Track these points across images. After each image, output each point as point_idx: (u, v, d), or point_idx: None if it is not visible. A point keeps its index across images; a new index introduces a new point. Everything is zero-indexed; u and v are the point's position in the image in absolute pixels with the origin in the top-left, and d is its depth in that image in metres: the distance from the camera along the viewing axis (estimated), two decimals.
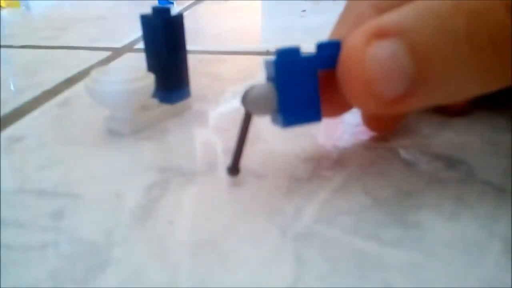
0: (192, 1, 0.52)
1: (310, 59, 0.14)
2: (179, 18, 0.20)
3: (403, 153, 0.17)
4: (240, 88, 0.25)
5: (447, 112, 0.19)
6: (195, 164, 0.17)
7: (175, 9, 0.20)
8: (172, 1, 0.49)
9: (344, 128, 0.19)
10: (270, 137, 0.19)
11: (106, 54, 0.32)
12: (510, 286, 0.11)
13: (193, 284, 0.11)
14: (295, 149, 0.18)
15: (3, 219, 0.14)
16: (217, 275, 0.11)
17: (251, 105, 0.14)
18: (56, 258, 0.12)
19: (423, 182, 0.15)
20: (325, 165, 0.16)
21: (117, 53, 0.33)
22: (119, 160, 0.17)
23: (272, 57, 0.14)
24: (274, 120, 0.15)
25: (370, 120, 0.18)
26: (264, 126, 0.19)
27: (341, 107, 0.16)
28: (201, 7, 0.50)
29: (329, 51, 0.14)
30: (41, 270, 0.12)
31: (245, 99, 0.14)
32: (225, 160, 0.17)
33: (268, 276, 0.11)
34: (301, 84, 0.14)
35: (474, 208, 0.14)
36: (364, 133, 0.19)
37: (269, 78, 0.14)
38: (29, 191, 0.15)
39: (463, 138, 0.18)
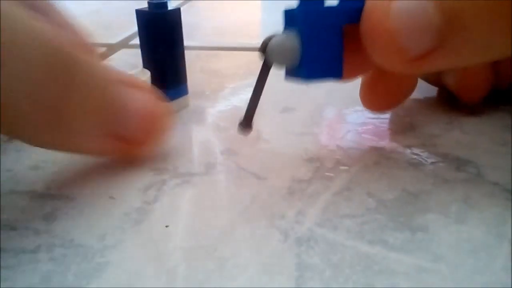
0: None
1: (335, 9, 0.13)
2: (176, 12, 0.19)
3: (408, 153, 0.17)
4: (239, 85, 0.24)
5: (460, 104, 0.19)
6: (192, 164, 0.16)
7: (171, 4, 0.20)
8: None
9: (348, 128, 0.19)
10: (271, 137, 0.18)
11: (101, 50, 0.32)
12: None
13: None
14: (297, 149, 0.17)
15: None
16: (215, 281, 0.11)
17: (274, 53, 0.13)
18: (49, 262, 0.12)
19: (430, 183, 0.15)
20: (328, 166, 0.16)
21: (112, 48, 0.32)
22: (113, 161, 0.17)
23: (294, 6, 0.13)
24: (291, 74, 0.14)
25: (368, 95, 0.18)
26: (264, 126, 0.19)
27: (360, 67, 0.16)
28: (198, 1, 0.49)
29: (354, 4, 0.13)
30: (33, 273, 0.11)
31: (267, 47, 0.13)
32: (224, 161, 0.16)
33: (268, 282, 0.11)
34: (326, 36, 0.13)
35: (482, 210, 0.13)
36: (368, 133, 0.18)
37: (288, 28, 0.14)
38: (21, 193, 0.15)
39: (471, 138, 0.18)
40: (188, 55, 0.21)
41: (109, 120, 0.14)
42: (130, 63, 0.20)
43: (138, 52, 0.21)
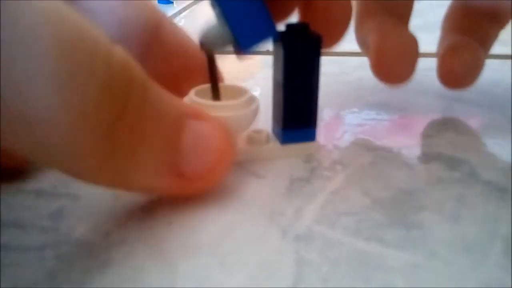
0: (191, 1, 0.52)
1: None
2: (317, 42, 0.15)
3: (403, 153, 0.17)
4: None
5: None
6: None
7: (174, 9, 0.19)
8: (171, 1, 0.49)
9: (344, 128, 0.19)
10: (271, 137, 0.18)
11: None
12: (511, 287, 0.11)
13: (192, 286, 0.11)
14: (295, 149, 0.17)
15: (2, 219, 0.14)
16: (216, 277, 0.11)
17: (205, 41, 0.14)
18: (55, 259, 0.12)
19: (424, 183, 0.15)
20: (325, 165, 0.16)
21: None
22: None
23: None
24: (237, 51, 0.15)
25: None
26: (265, 126, 0.19)
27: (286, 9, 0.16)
28: (197, 7, 0.50)
29: None
30: (39, 270, 0.12)
31: (200, 39, 0.14)
32: None
33: (268, 278, 0.11)
34: (245, 3, 0.14)
35: (475, 209, 0.14)
36: (364, 133, 0.18)
37: (217, 15, 0.14)
38: (28, 191, 0.15)
39: (464, 138, 0.18)
40: None
41: (174, 155, 0.12)
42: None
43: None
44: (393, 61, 0.18)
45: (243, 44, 0.14)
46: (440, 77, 0.19)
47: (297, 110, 0.16)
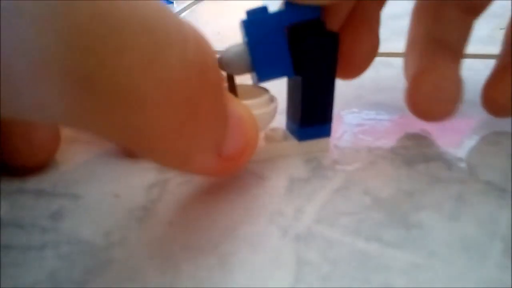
0: (192, 1, 0.52)
1: (277, 14, 0.14)
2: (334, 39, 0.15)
3: (403, 153, 0.17)
4: None
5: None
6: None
7: (174, 9, 0.19)
8: (171, 1, 0.49)
9: (344, 129, 0.19)
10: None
11: None
12: (510, 286, 0.11)
13: (192, 285, 0.11)
14: (295, 149, 0.17)
15: (2, 219, 0.14)
16: (217, 276, 0.11)
17: (226, 66, 0.15)
18: (55, 259, 0.12)
19: (424, 182, 0.15)
20: (325, 165, 0.16)
21: None
22: (119, 160, 0.17)
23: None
24: (253, 78, 0.15)
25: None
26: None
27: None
28: (200, 6, 0.50)
29: (296, 6, 0.14)
30: (40, 270, 0.12)
31: (221, 62, 0.15)
32: None
33: (268, 277, 0.11)
34: (270, 40, 0.14)
35: (474, 208, 0.14)
36: (364, 134, 0.18)
37: (243, 39, 0.15)
38: (29, 191, 0.15)
39: (464, 137, 0.18)
40: None
41: (224, 137, 0.13)
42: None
43: None
44: (427, 102, 0.17)
45: (260, 77, 0.15)
46: (485, 108, 0.18)
47: (314, 107, 0.16)
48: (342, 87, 0.18)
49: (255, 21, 0.14)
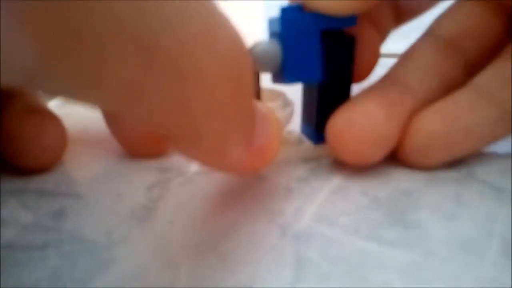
0: None
1: (314, 16, 0.14)
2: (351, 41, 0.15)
3: None
4: None
5: None
6: (195, 164, 0.17)
7: None
8: None
9: None
10: None
11: None
12: (509, 286, 0.11)
13: (193, 284, 0.11)
14: (295, 150, 0.18)
15: (4, 218, 0.14)
16: (217, 275, 0.11)
17: (257, 61, 0.14)
18: (57, 258, 0.12)
19: (422, 182, 0.15)
20: (324, 165, 0.16)
21: None
22: (120, 160, 0.17)
23: (276, 15, 0.14)
24: (276, 78, 0.15)
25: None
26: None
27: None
28: None
29: None
30: (42, 269, 0.12)
31: (251, 55, 0.14)
32: None
33: (268, 276, 0.11)
34: (305, 42, 0.14)
35: (472, 208, 0.14)
36: None
37: (272, 35, 0.14)
38: (31, 191, 0.15)
39: None
40: None
41: (253, 129, 0.12)
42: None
43: None
44: (341, 144, 0.15)
45: (288, 77, 0.14)
46: None
47: (331, 110, 0.15)
48: None
49: (295, 20, 0.14)
